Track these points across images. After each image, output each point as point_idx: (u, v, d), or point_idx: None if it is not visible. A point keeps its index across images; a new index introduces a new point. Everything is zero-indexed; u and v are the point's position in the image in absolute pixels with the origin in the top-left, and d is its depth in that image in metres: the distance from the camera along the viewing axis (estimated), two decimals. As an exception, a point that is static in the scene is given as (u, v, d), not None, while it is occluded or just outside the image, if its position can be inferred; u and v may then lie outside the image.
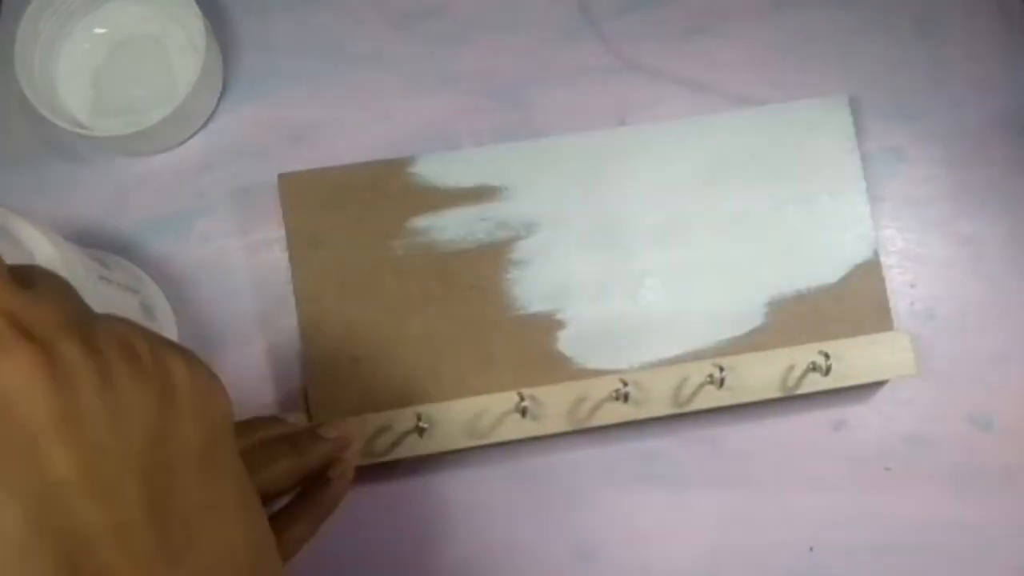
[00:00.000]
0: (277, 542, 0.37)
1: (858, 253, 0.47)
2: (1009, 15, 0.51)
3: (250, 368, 0.46)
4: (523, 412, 0.43)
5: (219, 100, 0.48)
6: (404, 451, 0.43)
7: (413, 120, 0.49)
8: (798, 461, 0.47)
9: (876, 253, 0.47)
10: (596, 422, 0.44)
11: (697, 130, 0.47)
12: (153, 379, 0.23)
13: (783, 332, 0.46)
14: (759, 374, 0.44)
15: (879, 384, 0.47)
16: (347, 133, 0.48)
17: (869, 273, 0.47)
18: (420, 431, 0.43)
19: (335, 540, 0.45)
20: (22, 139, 0.48)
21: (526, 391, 0.43)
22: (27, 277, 0.23)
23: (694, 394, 0.44)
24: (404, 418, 0.43)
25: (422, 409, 0.43)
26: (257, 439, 0.39)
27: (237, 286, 0.47)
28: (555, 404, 0.44)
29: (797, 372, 0.44)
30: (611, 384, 0.43)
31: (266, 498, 0.38)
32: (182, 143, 0.48)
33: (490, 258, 0.46)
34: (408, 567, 0.45)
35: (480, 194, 0.46)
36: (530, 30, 0.50)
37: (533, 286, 0.46)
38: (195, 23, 0.46)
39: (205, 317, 0.46)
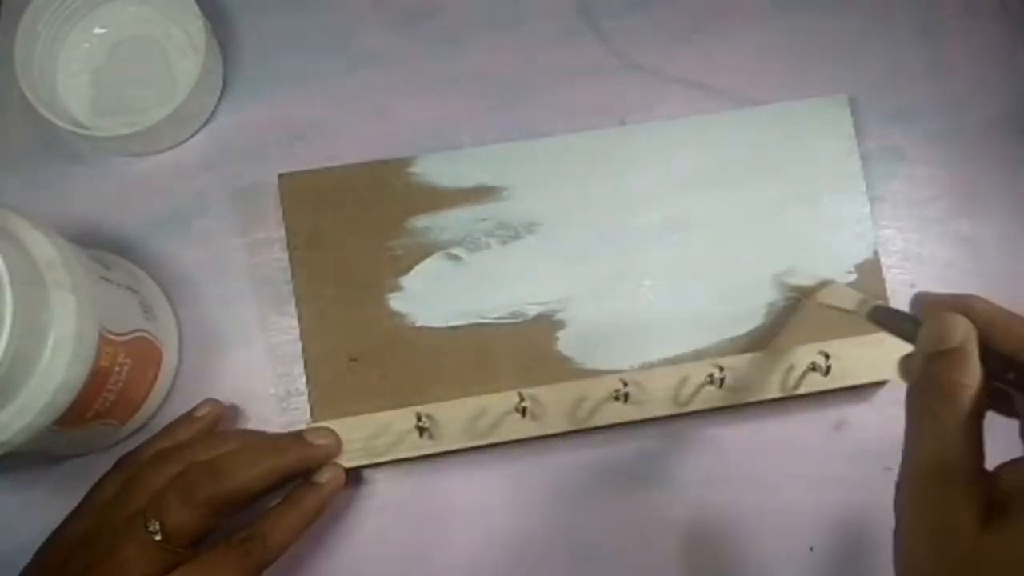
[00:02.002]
0: (264, 544, 0.39)
1: (858, 253, 0.47)
2: (1009, 15, 0.51)
3: (250, 368, 0.46)
4: (523, 412, 0.43)
5: (219, 100, 0.48)
6: (404, 451, 0.43)
7: (413, 120, 0.49)
8: (798, 461, 0.47)
9: (876, 253, 0.47)
10: (596, 422, 0.44)
11: (697, 130, 0.47)
12: None
13: (783, 332, 0.46)
14: (759, 374, 0.44)
15: (879, 384, 0.47)
16: (347, 133, 0.48)
17: (869, 273, 0.47)
18: (420, 431, 0.43)
19: (334, 541, 0.45)
20: (22, 139, 0.48)
21: (526, 391, 0.43)
22: None
23: (694, 394, 0.44)
24: (404, 418, 0.43)
25: (422, 409, 0.43)
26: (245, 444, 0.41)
27: (237, 286, 0.47)
28: (555, 404, 0.44)
29: (797, 372, 0.44)
30: (611, 384, 0.43)
31: (249, 497, 0.38)
32: (182, 143, 0.48)
33: (490, 258, 0.46)
34: (408, 567, 0.45)
35: (480, 194, 0.46)
36: (530, 30, 0.50)
37: (533, 286, 0.46)
38: (195, 23, 0.46)
39: (205, 317, 0.46)
